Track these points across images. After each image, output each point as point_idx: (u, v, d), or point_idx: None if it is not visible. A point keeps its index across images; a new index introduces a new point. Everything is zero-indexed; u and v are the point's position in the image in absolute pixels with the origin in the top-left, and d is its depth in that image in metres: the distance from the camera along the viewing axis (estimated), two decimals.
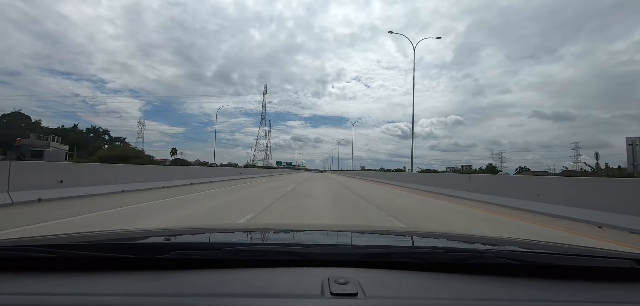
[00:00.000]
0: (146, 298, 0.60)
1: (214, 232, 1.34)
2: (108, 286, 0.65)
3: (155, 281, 0.68)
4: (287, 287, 0.65)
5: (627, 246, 4.42)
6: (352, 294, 0.61)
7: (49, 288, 0.64)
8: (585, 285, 0.75)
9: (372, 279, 0.70)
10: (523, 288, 0.73)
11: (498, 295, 0.69)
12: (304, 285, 0.66)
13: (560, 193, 7.19)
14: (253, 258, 0.81)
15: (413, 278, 0.73)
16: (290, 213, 6.76)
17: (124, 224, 4.83)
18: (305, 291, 0.63)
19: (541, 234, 5.11)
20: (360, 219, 6.19)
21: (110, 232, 1.18)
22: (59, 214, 5.31)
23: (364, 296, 0.61)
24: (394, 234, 1.57)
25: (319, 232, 1.45)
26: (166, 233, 1.16)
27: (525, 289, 0.72)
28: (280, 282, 0.68)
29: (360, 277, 0.68)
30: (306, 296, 0.61)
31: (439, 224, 6.04)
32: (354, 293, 0.61)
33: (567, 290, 0.72)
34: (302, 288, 0.65)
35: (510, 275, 0.78)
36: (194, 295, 0.62)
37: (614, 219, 5.69)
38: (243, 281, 0.68)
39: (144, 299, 0.60)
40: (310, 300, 0.60)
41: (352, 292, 0.61)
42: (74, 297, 0.60)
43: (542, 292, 0.71)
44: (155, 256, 0.77)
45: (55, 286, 0.65)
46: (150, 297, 0.61)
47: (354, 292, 0.61)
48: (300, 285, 0.67)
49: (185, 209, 6.82)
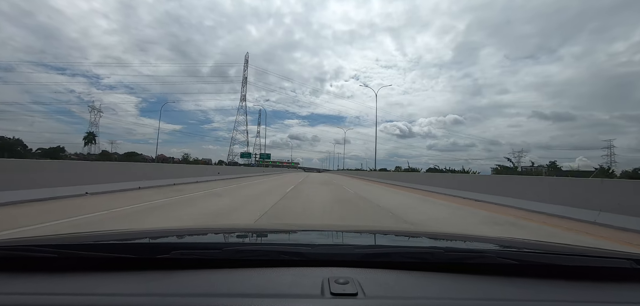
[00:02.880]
0: (146, 298, 0.61)
1: (214, 232, 1.34)
2: (108, 286, 0.65)
3: (155, 281, 0.68)
4: (287, 287, 0.66)
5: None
6: (352, 294, 0.62)
7: (49, 288, 0.64)
8: (585, 284, 0.76)
9: (372, 279, 0.70)
10: (523, 288, 0.73)
11: (498, 294, 0.69)
12: (304, 284, 0.67)
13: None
14: (253, 258, 0.81)
15: (413, 278, 0.74)
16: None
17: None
18: (305, 291, 0.64)
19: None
20: None
21: (111, 232, 1.19)
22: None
23: (364, 296, 0.62)
24: (394, 234, 1.56)
25: (319, 232, 1.44)
26: (166, 233, 1.20)
27: (525, 289, 0.72)
28: (280, 282, 0.68)
29: (360, 277, 0.69)
30: (306, 296, 0.62)
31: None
32: (354, 293, 0.62)
33: (567, 290, 0.73)
34: (302, 288, 0.66)
35: (510, 275, 0.78)
36: (194, 295, 0.62)
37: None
38: (243, 281, 0.69)
39: (144, 299, 0.60)
40: (310, 300, 0.60)
41: (352, 292, 0.62)
42: (74, 297, 0.61)
43: (543, 292, 0.72)
44: (155, 256, 0.77)
45: (55, 286, 0.65)
46: (150, 297, 0.61)
47: (354, 292, 0.62)
48: (300, 284, 0.67)
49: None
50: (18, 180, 6.15)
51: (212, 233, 1.32)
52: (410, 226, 5.44)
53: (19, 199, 5.81)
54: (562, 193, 7.08)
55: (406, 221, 5.88)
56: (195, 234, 1.29)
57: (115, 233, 1.14)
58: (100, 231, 1.22)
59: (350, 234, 1.41)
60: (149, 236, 1.12)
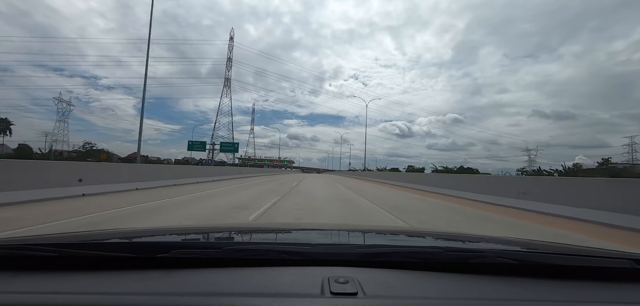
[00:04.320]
0: (146, 297, 0.61)
1: (214, 231, 1.34)
2: (108, 285, 0.65)
3: (155, 280, 0.68)
4: (287, 286, 0.66)
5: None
6: (352, 293, 0.62)
7: (49, 287, 0.64)
8: (585, 284, 0.76)
9: (372, 278, 0.70)
10: (523, 287, 0.73)
11: (498, 294, 0.69)
12: (304, 284, 0.67)
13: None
14: (253, 257, 0.81)
15: (413, 278, 0.73)
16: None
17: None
18: (305, 291, 0.64)
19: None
20: None
21: (111, 231, 1.20)
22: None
23: (364, 296, 0.61)
24: (394, 233, 1.56)
25: (319, 231, 1.44)
26: (166, 232, 1.19)
27: (525, 289, 0.72)
28: (280, 281, 0.68)
29: (360, 276, 0.69)
30: (306, 296, 0.62)
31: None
32: (354, 292, 0.62)
33: (567, 290, 0.73)
34: (302, 287, 0.66)
35: (510, 275, 0.78)
36: (194, 294, 0.62)
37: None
38: (243, 280, 0.69)
39: (144, 298, 0.60)
40: (310, 299, 0.60)
41: (352, 291, 0.62)
42: (74, 296, 0.60)
43: (543, 292, 0.71)
44: (155, 255, 0.77)
45: (55, 285, 0.65)
46: (150, 296, 0.61)
47: (354, 291, 0.62)
48: (300, 284, 0.67)
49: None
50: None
51: (212, 232, 1.32)
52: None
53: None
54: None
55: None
56: (195, 233, 1.28)
57: (115, 232, 1.14)
58: (100, 230, 1.22)
59: (350, 233, 1.41)
60: (149, 235, 1.12)
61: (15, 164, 7.24)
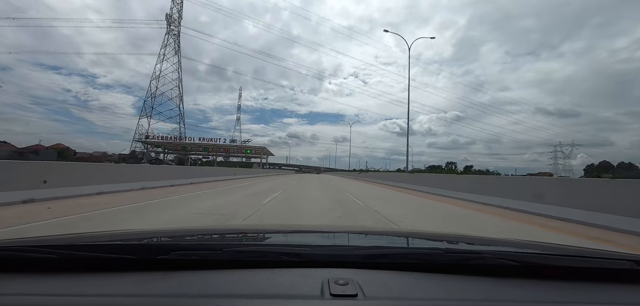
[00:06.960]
0: (146, 299, 0.61)
1: (214, 233, 1.34)
2: (108, 287, 0.65)
3: (155, 282, 0.68)
4: (287, 288, 0.66)
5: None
6: (351, 295, 0.62)
7: (48, 288, 0.64)
8: (585, 286, 0.76)
9: (372, 280, 0.70)
10: (523, 289, 0.73)
11: (498, 296, 0.69)
12: (303, 286, 0.67)
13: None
14: (253, 259, 0.81)
15: (413, 279, 0.74)
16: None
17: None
18: (305, 292, 0.64)
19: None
20: None
21: (110, 233, 1.19)
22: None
23: (363, 297, 0.61)
24: (394, 235, 1.58)
25: (318, 233, 1.44)
26: (166, 234, 1.20)
27: (525, 290, 0.72)
28: (280, 283, 0.68)
29: (360, 278, 0.69)
30: (306, 297, 0.62)
31: None
32: (354, 294, 0.62)
33: (567, 291, 0.72)
34: (302, 289, 0.66)
35: (510, 276, 0.78)
36: (194, 296, 0.62)
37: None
38: (243, 282, 0.69)
39: (143, 300, 0.60)
40: (310, 301, 0.60)
41: (351, 293, 0.62)
42: (73, 298, 0.60)
43: (542, 293, 0.72)
44: (155, 257, 0.77)
45: (54, 287, 0.65)
46: (150, 298, 0.61)
47: (353, 293, 0.62)
48: (300, 286, 0.67)
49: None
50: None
51: (211, 233, 1.32)
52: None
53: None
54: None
55: None
56: (195, 235, 1.29)
57: (115, 234, 1.15)
58: (99, 232, 1.23)
59: (350, 235, 1.41)
60: (149, 237, 1.12)
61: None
